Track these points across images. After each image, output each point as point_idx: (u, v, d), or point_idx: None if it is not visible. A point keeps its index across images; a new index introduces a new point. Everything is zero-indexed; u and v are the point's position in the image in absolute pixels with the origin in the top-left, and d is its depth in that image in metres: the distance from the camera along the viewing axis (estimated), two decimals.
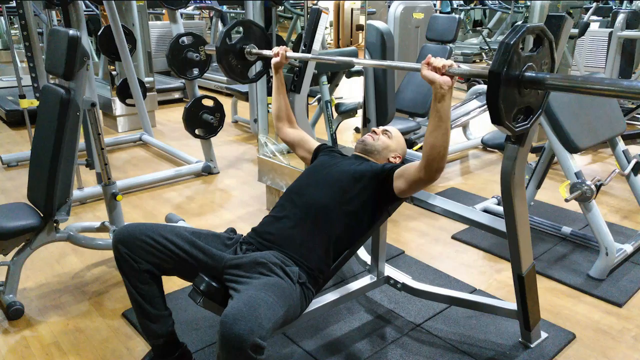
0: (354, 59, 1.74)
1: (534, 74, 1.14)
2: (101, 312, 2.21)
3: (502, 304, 2.07)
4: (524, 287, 1.83)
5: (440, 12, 8.66)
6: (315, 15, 2.24)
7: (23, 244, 2.19)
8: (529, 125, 1.24)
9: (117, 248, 1.59)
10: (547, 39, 1.22)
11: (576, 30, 4.39)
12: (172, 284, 2.32)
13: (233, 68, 2.02)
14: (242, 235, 1.75)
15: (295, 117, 2.40)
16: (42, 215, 2.18)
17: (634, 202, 3.02)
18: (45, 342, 2.02)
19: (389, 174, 1.68)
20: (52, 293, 2.34)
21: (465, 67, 1.34)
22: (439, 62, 1.37)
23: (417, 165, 1.56)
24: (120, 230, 1.62)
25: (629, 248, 2.58)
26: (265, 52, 2.01)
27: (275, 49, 1.98)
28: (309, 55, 1.99)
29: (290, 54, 1.98)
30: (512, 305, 1.96)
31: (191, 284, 1.59)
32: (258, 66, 2.44)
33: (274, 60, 1.99)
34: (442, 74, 1.36)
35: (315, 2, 3.37)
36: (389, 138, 1.92)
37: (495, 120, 1.16)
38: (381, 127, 1.95)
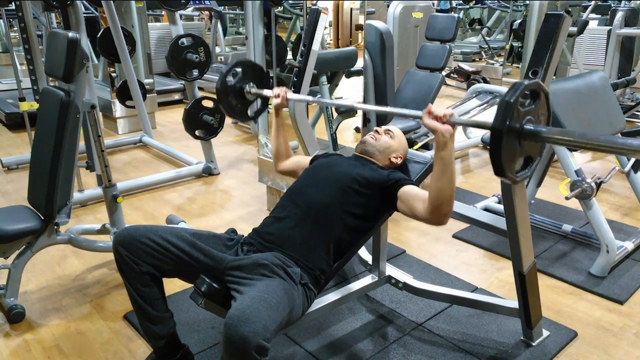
0: (355, 104, 1.76)
1: (532, 127, 1.21)
2: (102, 314, 2.21)
3: (503, 302, 2.07)
4: (525, 285, 1.83)
5: (439, 10, 8.66)
6: (314, 16, 2.24)
7: (24, 247, 2.19)
8: (529, 173, 1.30)
9: (117, 250, 1.58)
10: (543, 93, 1.28)
11: (575, 29, 4.39)
12: (173, 285, 2.32)
13: (233, 108, 2.04)
14: (242, 235, 1.75)
15: (295, 118, 2.40)
16: (42, 218, 2.18)
17: (634, 199, 3.02)
18: (47, 345, 2.02)
19: (393, 189, 1.67)
20: (53, 296, 2.34)
21: (465, 118, 1.37)
22: (440, 111, 1.37)
23: (423, 204, 1.53)
24: (120, 233, 1.62)
25: (629, 245, 2.58)
26: (266, 92, 2.03)
27: (276, 90, 1.96)
28: (309, 98, 1.99)
29: (291, 95, 1.96)
30: (514, 303, 1.96)
31: (192, 285, 1.59)
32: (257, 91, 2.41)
33: (274, 102, 1.96)
34: (444, 123, 1.37)
35: (314, 2, 3.37)
36: (392, 138, 1.92)
37: (499, 172, 1.22)
38: (384, 127, 1.96)
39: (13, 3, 3.51)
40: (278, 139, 2.05)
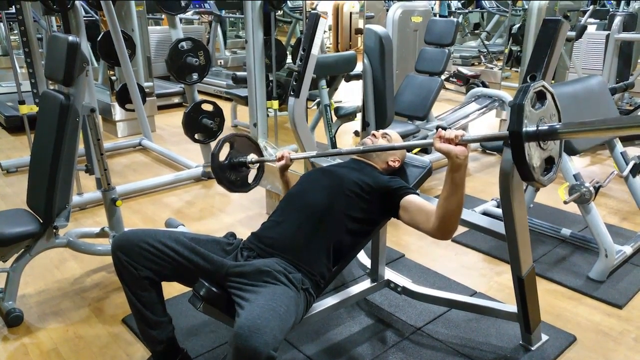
0: (355, 151, 1.79)
1: (547, 127, 1.21)
2: (101, 318, 2.20)
3: (502, 306, 2.07)
4: (523, 290, 1.83)
5: (440, 16, 8.68)
6: (313, 20, 2.25)
7: (22, 250, 2.19)
8: (553, 175, 1.31)
9: (115, 255, 1.58)
10: (549, 93, 1.29)
11: (573, 33, 4.40)
12: (172, 289, 2.31)
13: (234, 182, 2.09)
14: (242, 240, 1.75)
15: (295, 122, 2.41)
16: (41, 221, 2.18)
17: (632, 203, 3.02)
18: (45, 348, 2.01)
19: (394, 197, 1.66)
20: (52, 299, 2.34)
21: (478, 135, 1.35)
22: (450, 133, 1.35)
23: (427, 218, 1.52)
24: (119, 237, 1.62)
25: (628, 249, 2.58)
26: (267, 158, 2.07)
27: (279, 153, 1.98)
28: (312, 153, 2.00)
29: (294, 155, 1.98)
30: (513, 307, 1.96)
31: (191, 289, 1.58)
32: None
33: (279, 164, 1.98)
34: (457, 144, 1.35)
35: (313, 6, 3.38)
36: (389, 142, 1.92)
37: (526, 177, 1.21)
38: (381, 131, 1.96)
39: (13, 6, 3.51)
40: None
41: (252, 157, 2.06)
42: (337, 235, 1.66)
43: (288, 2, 5.48)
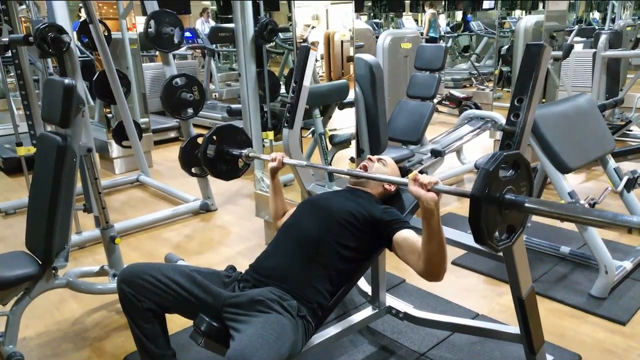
0: (346, 170, 1.86)
1: (513, 197, 1.22)
2: (102, 358, 2.19)
3: (505, 328, 2.06)
4: (525, 311, 1.82)
5: (429, 39, 8.83)
6: (304, 53, 2.30)
7: (22, 292, 2.18)
8: (511, 243, 1.31)
9: (120, 288, 1.61)
10: (524, 164, 1.29)
11: (560, 53, 4.48)
12: (174, 325, 2.30)
13: (225, 172, 2.19)
14: (240, 273, 1.76)
15: (290, 152, 2.43)
16: (40, 262, 2.17)
17: None
18: None
19: (387, 229, 1.67)
20: (52, 341, 2.32)
21: (449, 187, 1.39)
22: (425, 179, 1.37)
23: (418, 259, 1.52)
24: (123, 271, 1.66)
25: (628, 265, 2.58)
26: (263, 156, 2.17)
27: (273, 155, 2.05)
28: (304, 163, 2.11)
29: (287, 160, 2.06)
30: (516, 329, 1.95)
31: (192, 324, 1.59)
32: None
33: (270, 165, 2.04)
34: (428, 190, 1.37)
35: (302, 38, 3.45)
36: (384, 166, 1.95)
37: (478, 240, 1.22)
38: (376, 156, 1.99)
39: (10, 50, 3.58)
40: (276, 201, 2.10)
41: (248, 151, 2.16)
42: (332, 264, 1.67)
43: (279, 34, 5.59)
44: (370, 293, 2.30)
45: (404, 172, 2.71)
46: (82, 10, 6.38)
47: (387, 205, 1.83)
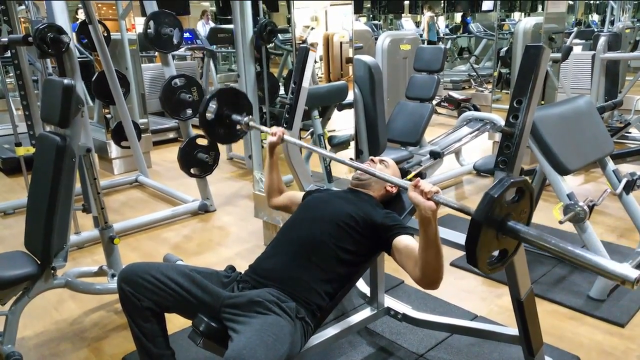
0: (347, 160, 1.86)
1: (512, 224, 1.22)
2: (100, 358, 2.18)
3: (503, 329, 2.06)
4: (523, 312, 1.82)
5: (429, 42, 8.85)
6: (303, 54, 2.30)
7: (21, 292, 2.18)
8: (502, 266, 1.31)
9: (120, 287, 1.62)
10: (528, 192, 1.29)
11: (559, 55, 4.49)
12: (172, 325, 2.29)
13: (222, 136, 2.18)
14: (240, 273, 1.76)
15: (289, 154, 2.43)
16: (39, 262, 2.17)
17: (629, 220, 3.04)
18: None
19: (387, 233, 1.66)
20: (51, 341, 2.32)
21: (449, 200, 1.36)
22: (426, 187, 1.35)
23: (414, 265, 1.51)
24: (124, 270, 1.67)
25: None
26: (264, 128, 2.12)
27: (274, 129, 2.02)
28: (303, 144, 2.09)
29: (287, 137, 2.04)
30: (514, 330, 1.95)
31: (191, 324, 1.59)
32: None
33: (270, 139, 2.02)
34: (428, 199, 1.35)
35: (301, 40, 3.46)
36: (386, 167, 1.95)
37: (471, 262, 1.22)
38: (378, 157, 1.99)
39: (9, 51, 3.58)
40: (271, 175, 2.09)
41: (248, 119, 2.14)
42: (330, 266, 1.67)
43: (279, 35, 5.59)
44: (369, 294, 2.30)
45: (403, 173, 2.72)
46: (79, 11, 6.40)
47: (388, 210, 1.83)
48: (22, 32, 3.72)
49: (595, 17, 11.69)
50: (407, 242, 1.62)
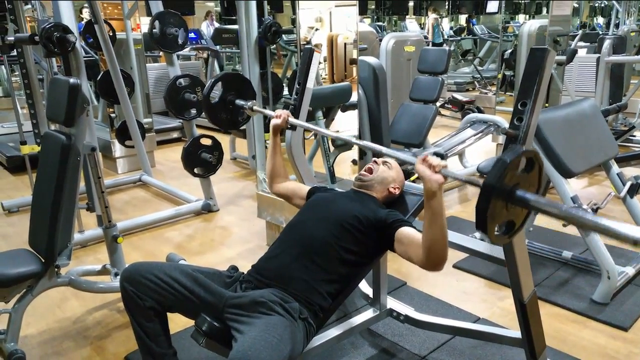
0: (353, 139, 1.83)
1: (522, 193, 1.21)
2: (103, 356, 2.19)
3: (506, 332, 2.06)
4: (526, 315, 1.82)
5: (433, 44, 8.84)
6: (307, 55, 2.30)
7: (24, 290, 2.18)
8: (508, 238, 1.30)
9: (123, 286, 1.62)
10: (538, 164, 1.28)
11: (564, 57, 4.48)
12: (175, 325, 2.30)
13: (224, 121, 2.19)
14: (242, 273, 1.76)
15: (293, 154, 2.44)
16: (43, 260, 2.18)
17: (633, 224, 3.04)
18: None
19: (391, 230, 1.67)
20: (54, 339, 2.33)
21: (457, 172, 1.38)
22: (434, 160, 1.37)
23: (419, 249, 1.52)
24: (126, 269, 1.67)
25: (630, 270, 2.58)
26: (267, 112, 2.11)
27: (279, 111, 2.02)
28: (308, 125, 2.07)
29: (292, 120, 2.03)
30: (517, 333, 1.94)
31: (194, 324, 1.59)
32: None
33: (273, 122, 2.01)
34: (435, 172, 1.36)
35: (307, 39, 3.46)
36: (390, 168, 1.95)
37: (480, 226, 1.21)
38: (381, 159, 1.99)
39: (15, 50, 3.60)
40: (274, 158, 2.08)
41: (252, 104, 2.13)
42: (333, 267, 1.67)
43: (283, 35, 5.60)
44: (371, 295, 2.30)
45: (406, 174, 2.72)
46: (84, 11, 6.42)
47: (391, 209, 1.83)
48: (28, 31, 3.74)
49: (600, 20, 11.65)
50: (408, 231, 1.63)
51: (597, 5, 11.49)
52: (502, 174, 1.18)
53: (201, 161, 3.76)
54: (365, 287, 2.43)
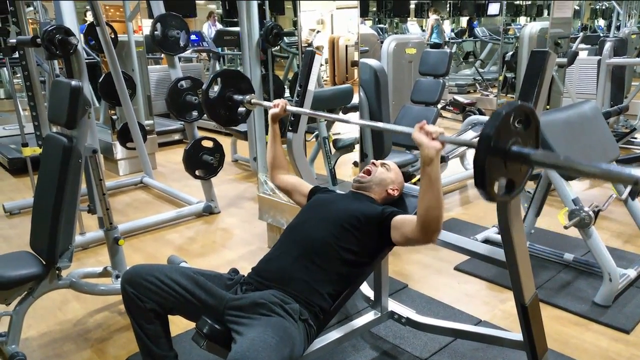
0: (351, 119, 1.82)
1: (520, 148, 1.19)
2: (104, 359, 2.19)
3: (507, 335, 2.05)
4: (528, 318, 1.81)
5: (430, 45, 8.84)
6: (309, 57, 2.31)
7: (25, 292, 2.19)
8: (509, 198, 1.28)
9: (124, 289, 1.62)
10: (534, 121, 1.26)
11: (565, 60, 4.49)
12: (176, 327, 2.30)
13: (223, 117, 2.19)
14: (243, 275, 1.76)
15: (294, 156, 2.44)
16: (44, 263, 2.18)
17: (634, 226, 3.03)
18: None
19: (387, 221, 1.68)
20: (55, 342, 2.33)
21: (454, 137, 1.39)
22: (431, 128, 1.39)
23: (413, 224, 1.54)
24: (128, 271, 1.67)
25: (632, 273, 2.57)
26: (265, 103, 2.11)
27: (276, 101, 2.01)
28: (305, 110, 2.08)
29: (290, 107, 2.03)
30: (518, 336, 1.94)
31: (195, 326, 1.59)
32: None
33: (272, 111, 2.01)
34: (433, 139, 1.37)
35: (307, 43, 3.47)
36: (388, 170, 1.95)
37: (479, 183, 1.19)
38: (380, 160, 1.99)
39: (17, 52, 3.60)
40: (274, 147, 2.07)
41: (250, 97, 2.13)
42: (334, 268, 1.67)
43: (284, 38, 5.61)
44: (372, 297, 2.30)
45: (408, 176, 2.71)
46: (88, 13, 6.44)
47: (387, 205, 1.84)
48: (30, 33, 3.74)
49: (601, 22, 11.66)
50: (402, 216, 1.67)
51: (598, 7, 11.50)
52: (498, 125, 1.15)
53: (202, 163, 3.76)
54: (366, 289, 2.43)
